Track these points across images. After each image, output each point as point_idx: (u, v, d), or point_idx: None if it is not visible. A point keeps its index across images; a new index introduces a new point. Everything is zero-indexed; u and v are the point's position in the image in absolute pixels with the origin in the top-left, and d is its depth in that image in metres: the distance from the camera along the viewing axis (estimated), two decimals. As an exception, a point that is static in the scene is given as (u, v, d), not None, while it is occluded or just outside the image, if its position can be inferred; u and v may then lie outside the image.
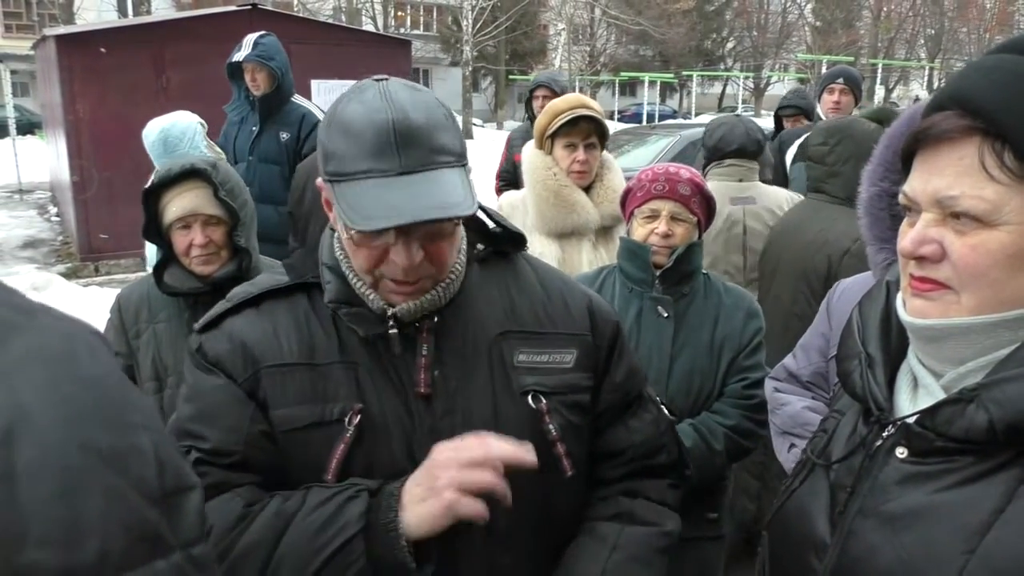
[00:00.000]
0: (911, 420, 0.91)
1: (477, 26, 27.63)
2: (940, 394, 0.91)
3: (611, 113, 33.49)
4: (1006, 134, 0.83)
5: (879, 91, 37.57)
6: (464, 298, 1.24)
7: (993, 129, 0.84)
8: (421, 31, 38.86)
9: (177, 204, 2.06)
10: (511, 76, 35.89)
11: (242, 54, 4.12)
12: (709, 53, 43.78)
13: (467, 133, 23.12)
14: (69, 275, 8.44)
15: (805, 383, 2.02)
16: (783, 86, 35.92)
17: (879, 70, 35.88)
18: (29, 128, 20.02)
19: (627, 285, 2.16)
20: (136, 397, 0.59)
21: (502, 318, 1.26)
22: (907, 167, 0.94)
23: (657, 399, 1.47)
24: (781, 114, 5.31)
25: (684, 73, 37.89)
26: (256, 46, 4.10)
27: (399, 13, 38.52)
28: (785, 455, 2.00)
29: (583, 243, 2.69)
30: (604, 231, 2.73)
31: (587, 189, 2.70)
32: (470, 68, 28.79)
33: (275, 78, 4.15)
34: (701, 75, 39.94)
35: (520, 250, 1.36)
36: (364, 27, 25.94)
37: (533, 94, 4.96)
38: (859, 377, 1.00)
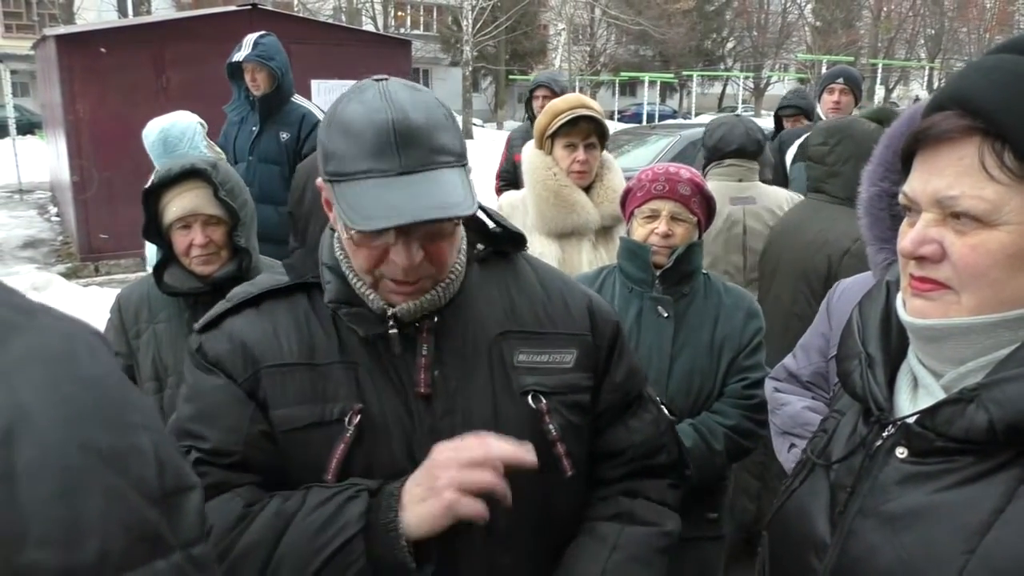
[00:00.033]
0: (911, 420, 0.91)
1: (477, 26, 27.62)
2: (940, 394, 0.91)
3: (611, 113, 33.48)
4: (1006, 134, 0.83)
5: (879, 91, 37.56)
6: (464, 298, 1.24)
7: (993, 129, 0.84)
8: (421, 31, 38.85)
9: (177, 204, 2.06)
10: (511, 76, 35.89)
11: (242, 54, 4.12)
12: (709, 53, 43.77)
13: (467, 133, 23.10)
14: (69, 275, 8.44)
15: (805, 383, 2.02)
16: (783, 86, 35.92)
17: (879, 70, 35.87)
18: (29, 128, 20.02)
19: (627, 285, 2.16)
20: (136, 397, 0.59)
21: (502, 318, 1.26)
22: (907, 167, 0.94)
23: (657, 399, 1.47)
24: (781, 114, 5.31)
25: (684, 73, 37.89)
26: (256, 46, 4.10)
27: (399, 13, 38.51)
28: (785, 455, 2.00)
29: (583, 243, 2.69)
30: (604, 231, 2.73)
31: (587, 189, 2.70)
32: (470, 68, 28.79)
33: (275, 78, 4.15)
34: (701, 75, 39.94)
35: (520, 250, 1.36)
36: (364, 27, 25.93)
37: (533, 94, 4.95)
38: (859, 377, 1.00)
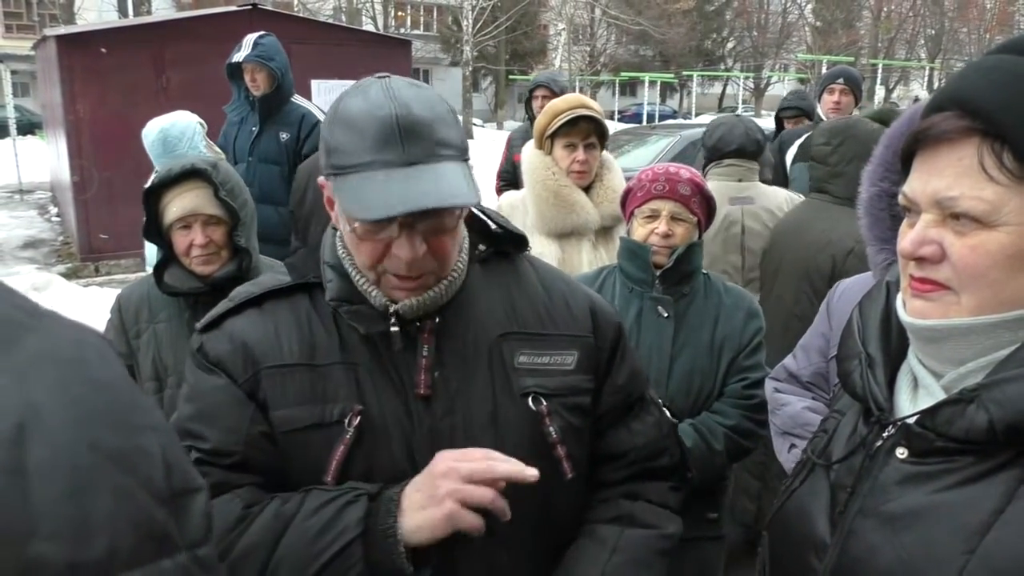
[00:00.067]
0: (911, 420, 0.91)
1: (477, 26, 27.61)
2: (940, 394, 0.91)
3: (611, 113, 33.48)
4: (1005, 135, 0.83)
5: (879, 91, 37.53)
6: (465, 299, 1.23)
7: (992, 130, 0.84)
8: (421, 31, 38.86)
9: (177, 204, 2.06)
10: (511, 76, 35.88)
11: (242, 54, 4.12)
12: (709, 53, 43.77)
13: (467, 133, 22.99)
14: (69, 275, 8.43)
15: (805, 383, 2.02)
16: (783, 86, 35.96)
17: (879, 70, 35.84)
18: (29, 128, 20.03)
19: (627, 285, 2.16)
20: (144, 401, 0.60)
21: (503, 319, 1.26)
22: (906, 168, 0.94)
23: (659, 401, 1.46)
24: (782, 116, 5.32)
25: (684, 73, 37.89)
26: (256, 46, 4.10)
27: (399, 13, 38.51)
28: (785, 455, 2.00)
29: (583, 243, 2.69)
30: (604, 231, 2.73)
31: (587, 189, 2.70)
32: (470, 68, 28.78)
33: (275, 78, 4.15)
34: (701, 75, 39.94)
35: (522, 251, 1.36)
36: (364, 27, 25.93)
37: (532, 94, 4.95)
38: (859, 377, 1.00)
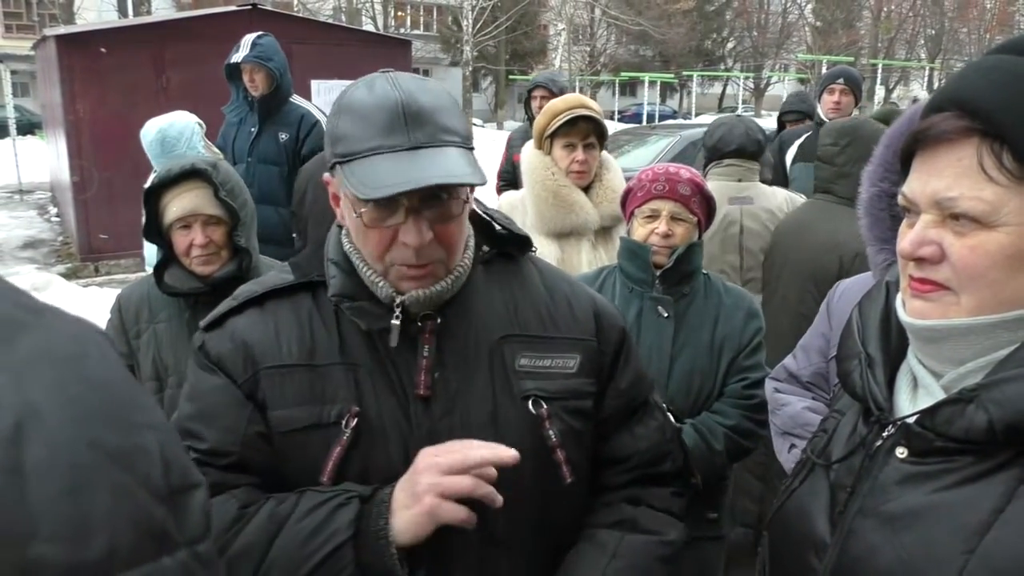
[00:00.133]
0: (911, 420, 0.91)
1: (477, 26, 27.58)
2: (940, 394, 0.91)
3: (611, 113, 33.48)
4: (1004, 135, 0.83)
5: (879, 91, 37.54)
6: (468, 300, 1.23)
7: (992, 130, 0.84)
8: (421, 31, 38.83)
9: (177, 204, 2.06)
10: (511, 76, 35.86)
11: (240, 55, 4.11)
12: (709, 53, 43.77)
13: (467, 133, 22.97)
14: (69, 275, 8.43)
15: (805, 383, 2.02)
16: (783, 86, 35.97)
17: (879, 70, 35.84)
18: (29, 128, 20.03)
19: (627, 285, 2.16)
20: (143, 398, 0.60)
21: (505, 321, 1.25)
22: (906, 168, 0.94)
23: (664, 406, 1.45)
24: (785, 119, 5.38)
25: (684, 73, 37.89)
26: (254, 47, 4.10)
27: (399, 13, 38.50)
28: (785, 455, 2.00)
29: (582, 243, 2.69)
30: (603, 231, 2.73)
31: (586, 189, 2.70)
32: (470, 68, 28.75)
33: (273, 79, 4.15)
34: (701, 75, 39.94)
35: (526, 252, 1.35)
36: (364, 27, 25.93)
37: (531, 94, 4.94)
38: (859, 377, 1.00)
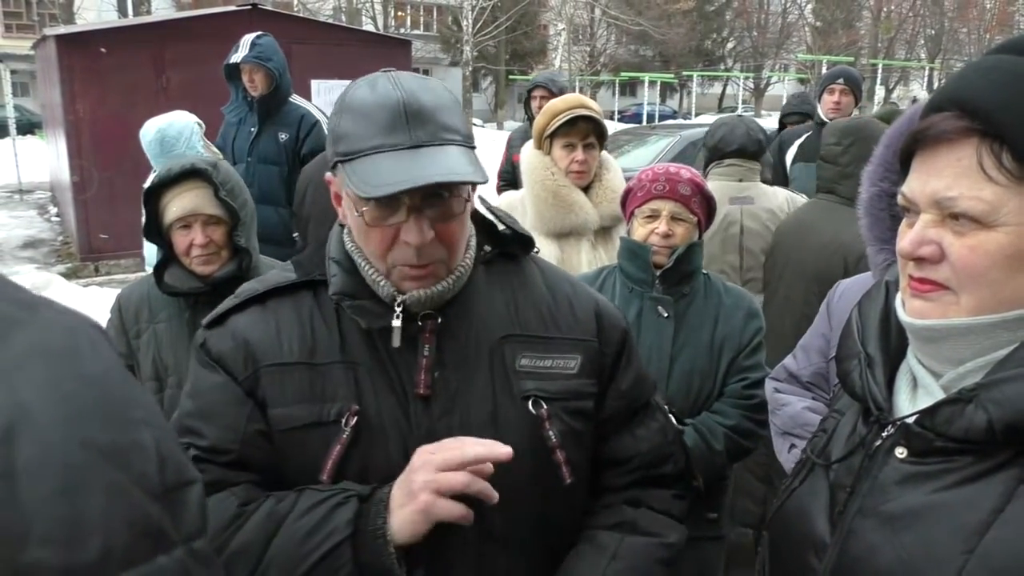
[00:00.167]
0: (910, 420, 0.91)
1: (477, 26, 27.56)
2: (939, 394, 0.91)
3: (611, 113, 33.47)
4: (1004, 135, 0.83)
5: (879, 91, 37.52)
6: (469, 299, 1.23)
7: (991, 130, 0.84)
8: (421, 31, 38.82)
9: (177, 204, 2.06)
10: (511, 76, 35.84)
11: (239, 55, 4.11)
12: (709, 53, 43.75)
13: (467, 133, 22.94)
14: (69, 275, 8.43)
15: (805, 383, 2.02)
16: (783, 86, 35.94)
17: (879, 70, 35.82)
18: (29, 128, 20.02)
19: (627, 285, 2.16)
20: (137, 393, 0.59)
21: (506, 321, 1.25)
22: (906, 168, 0.94)
23: (666, 408, 1.45)
24: (786, 121, 5.40)
25: (684, 73, 37.88)
26: (253, 47, 4.10)
27: (399, 13, 38.48)
28: (785, 455, 2.00)
29: (582, 243, 2.69)
30: (603, 231, 2.73)
31: (586, 189, 2.70)
32: (470, 68, 28.73)
33: (273, 79, 4.15)
34: (701, 75, 39.93)
35: (528, 252, 1.35)
36: (364, 27, 25.92)
37: (531, 94, 4.94)
38: (858, 377, 1.00)
